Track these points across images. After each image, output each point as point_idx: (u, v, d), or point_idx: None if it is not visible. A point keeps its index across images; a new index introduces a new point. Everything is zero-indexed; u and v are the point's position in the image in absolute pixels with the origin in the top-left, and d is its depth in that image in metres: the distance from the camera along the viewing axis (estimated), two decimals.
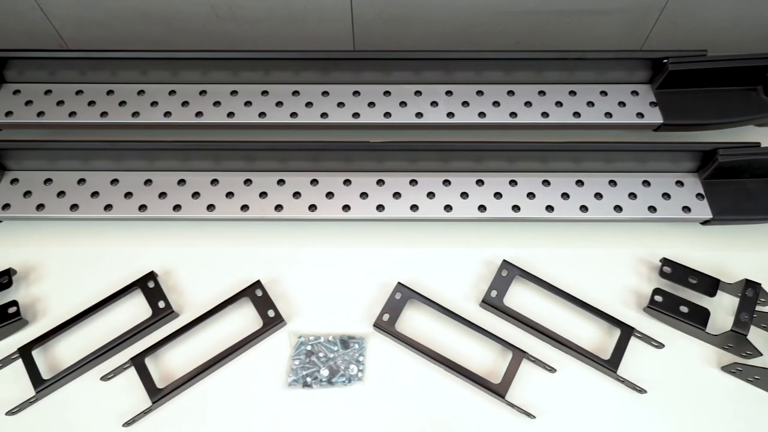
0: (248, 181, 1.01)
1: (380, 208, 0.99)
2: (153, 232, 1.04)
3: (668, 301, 0.95)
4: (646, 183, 1.01)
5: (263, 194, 1.00)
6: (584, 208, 0.99)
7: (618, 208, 0.99)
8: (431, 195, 1.00)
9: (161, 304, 0.96)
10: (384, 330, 0.94)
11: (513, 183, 1.01)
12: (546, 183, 1.01)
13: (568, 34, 1.26)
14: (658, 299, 0.95)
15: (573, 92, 1.09)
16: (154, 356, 0.93)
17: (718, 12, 1.20)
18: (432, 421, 0.89)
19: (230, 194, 1.00)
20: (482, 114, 1.07)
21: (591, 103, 1.08)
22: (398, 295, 0.96)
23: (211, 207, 0.99)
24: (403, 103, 1.08)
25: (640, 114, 1.06)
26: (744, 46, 1.26)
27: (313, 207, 0.99)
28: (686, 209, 0.99)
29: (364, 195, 1.00)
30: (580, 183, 1.01)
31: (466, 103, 1.08)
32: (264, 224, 1.04)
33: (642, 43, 1.29)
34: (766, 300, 0.94)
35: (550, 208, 0.99)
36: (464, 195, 1.00)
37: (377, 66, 1.09)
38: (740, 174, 1.00)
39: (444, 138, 1.05)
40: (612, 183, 1.01)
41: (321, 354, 0.93)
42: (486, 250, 1.02)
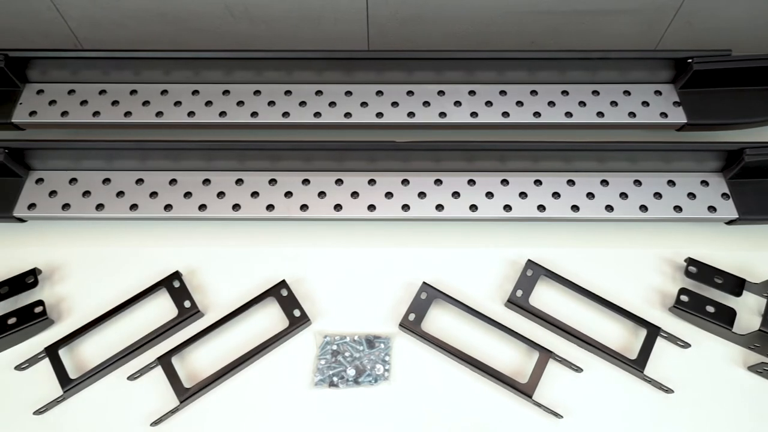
0: (273, 181, 1.01)
1: (405, 208, 0.99)
2: (177, 232, 1.04)
3: (694, 301, 0.95)
4: (671, 183, 1.01)
5: (288, 194, 1.00)
6: (610, 208, 0.99)
7: (643, 208, 0.99)
8: (456, 195, 1.00)
9: (187, 304, 0.96)
10: (410, 330, 0.94)
11: (538, 183, 1.01)
12: (571, 183, 1.01)
13: (583, 34, 1.26)
14: (684, 299, 0.95)
15: (596, 92, 1.09)
16: (180, 356, 0.93)
17: (734, 12, 1.19)
18: (459, 421, 0.89)
19: (255, 194, 1.00)
20: (506, 114, 1.07)
21: (614, 103, 1.08)
22: (424, 295, 0.96)
23: (237, 207, 0.99)
24: (427, 103, 1.08)
25: (664, 114, 1.06)
26: (760, 46, 1.26)
27: (339, 207, 0.99)
28: (712, 209, 0.99)
29: (389, 195, 1.00)
30: (605, 183, 1.01)
31: (490, 103, 1.08)
32: (289, 224, 1.04)
33: (656, 44, 1.29)
34: None
35: (576, 208, 0.99)
36: (489, 195, 1.00)
37: (400, 66, 1.08)
38: (766, 173, 1.00)
39: (467, 138, 1.05)
40: (637, 183, 1.01)
41: (347, 354, 0.93)
42: (510, 250, 1.02)
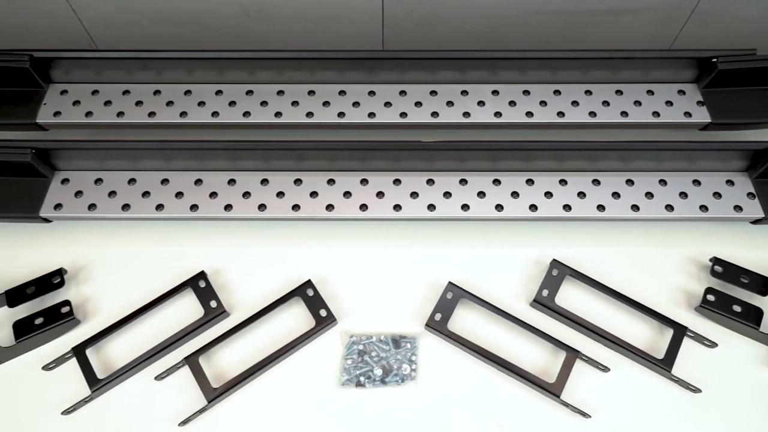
0: (298, 181, 1.01)
1: (431, 208, 0.99)
2: (201, 232, 1.04)
3: (721, 301, 0.95)
4: (696, 182, 1.01)
5: (314, 194, 1.00)
6: (635, 208, 0.99)
7: (669, 208, 0.99)
8: (482, 194, 1.00)
9: (213, 304, 0.96)
10: (436, 330, 0.94)
11: (563, 182, 1.01)
12: (596, 182, 1.01)
13: (597, 34, 1.26)
14: (711, 298, 0.95)
15: (619, 92, 1.09)
16: (206, 356, 0.93)
17: (751, 12, 1.19)
18: (485, 421, 0.89)
19: (281, 194, 1.00)
20: (530, 113, 1.07)
21: (638, 102, 1.08)
22: (449, 295, 0.96)
23: (262, 207, 0.99)
24: (450, 103, 1.08)
25: (688, 113, 1.06)
26: None
27: (364, 206, 0.99)
28: (737, 208, 0.99)
29: (415, 194, 1.00)
30: (630, 182, 1.01)
31: (513, 103, 1.08)
32: (314, 224, 1.04)
33: (671, 43, 1.29)
34: None
35: (601, 207, 0.99)
36: (515, 194, 1.00)
37: (423, 66, 1.08)
38: None
39: (491, 138, 1.05)
40: (662, 182, 1.01)
41: (373, 353, 0.94)
42: (534, 250, 1.02)
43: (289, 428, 0.89)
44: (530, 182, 1.01)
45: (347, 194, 1.00)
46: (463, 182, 1.01)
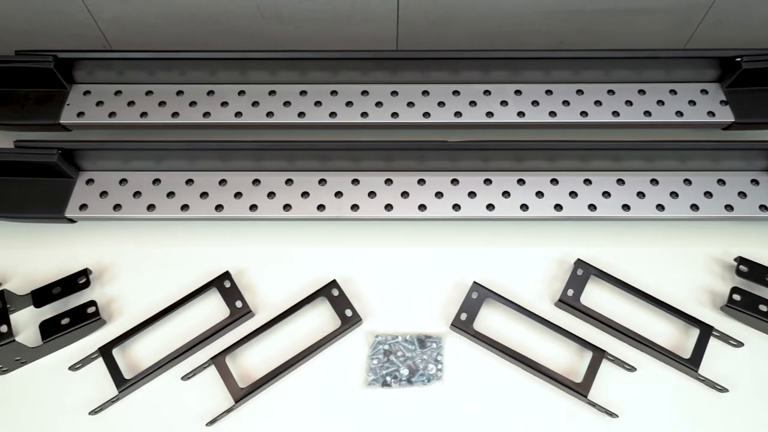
0: (323, 181, 1.01)
1: (456, 208, 0.99)
2: (225, 232, 1.04)
3: (747, 300, 0.94)
4: (721, 182, 1.01)
5: (338, 194, 1.00)
6: (660, 207, 0.99)
7: (694, 207, 0.99)
8: (506, 194, 1.00)
9: (238, 304, 0.96)
10: (462, 330, 0.94)
11: (587, 182, 1.01)
12: (620, 182, 1.01)
13: (611, 34, 1.26)
14: (737, 298, 0.95)
15: (642, 91, 1.09)
16: (232, 356, 0.93)
17: (766, 11, 1.19)
18: (512, 420, 0.89)
19: (305, 194, 1.00)
20: (553, 113, 1.07)
21: (661, 102, 1.08)
22: (475, 295, 0.96)
23: (287, 207, 0.99)
24: (473, 103, 1.08)
25: (711, 113, 1.06)
26: None
27: (389, 206, 0.99)
28: (763, 208, 0.99)
29: (439, 194, 1.00)
30: (655, 182, 1.01)
31: (536, 102, 1.08)
32: (339, 223, 1.04)
33: (685, 43, 1.29)
34: None
35: (626, 207, 0.99)
36: (539, 194, 1.00)
37: (445, 65, 1.09)
38: None
39: (515, 137, 1.05)
40: (687, 182, 1.01)
41: (399, 353, 0.94)
42: (557, 249, 1.02)
43: (316, 428, 0.89)
44: (555, 182, 1.01)
45: (372, 194, 1.00)
46: (488, 182, 1.01)
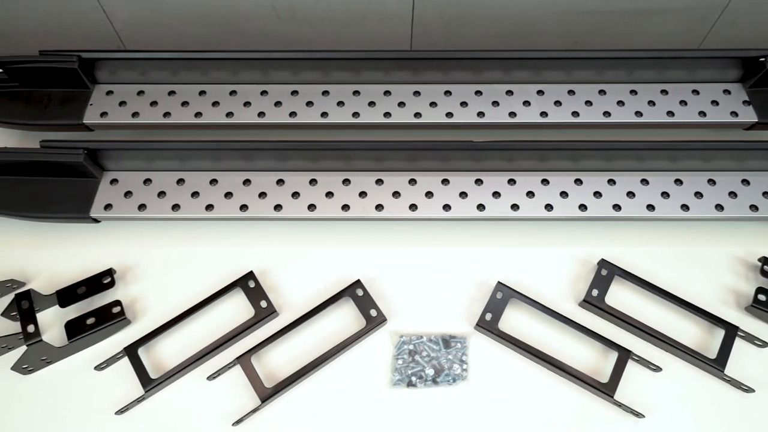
0: (347, 181, 1.01)
1: (480, 208, 0.99)
2: (249, 232, 1.04)
3: None
4: (745, 182, 1.01)
5: (362, 194, 1.00)
6: (685, 207, 0.99)
7: (719, 207, 0.99)
8: (530, 194, 1.00)
9: (263, 304, 0.96)
10: (487, 329, 0.94)
11: (611, 182, 1.01)
12: (644, 182, 1.01)
13: (626, 34, 1.26)
14: (762, 298, 0.95)
15: (665, 91, 1.09)
16: (257, 355, 0.94)
17: None
18: (538, 420, 0.89)
19: (330, 194, 1.00)
20: (575, 113, 1.07)
21: (684, 102, 1.08)
22: (499, 295, 0.96)
23: (312, 207, 0.99)
24: (495, 103, 1.08)
25: (734, 113, 1.06)
26: None
27: (413, 206, 0.99)
28: None
29: (464, 194, 1.00)
30: (679, 182, 1.01)
31: (559, 103, 1.08)
32: (363, 223, 1.04)
33: (700, 43, 1.29)
34: None
35: (651, 207, 0.99)
36: (564, 194, 1.00)
37: (467, 66, 1.08)
38: None
39: (538, 137, 1.05)
40: (711, 182, 1.01)
41: (424, 353, 0.94)
42: (581, 249, 1.02)
43: (342, 428, 0.89)
44: (579, 182, 1.01)
45: (396, 194, 1.00)
46: (512, 182, 1.01)
